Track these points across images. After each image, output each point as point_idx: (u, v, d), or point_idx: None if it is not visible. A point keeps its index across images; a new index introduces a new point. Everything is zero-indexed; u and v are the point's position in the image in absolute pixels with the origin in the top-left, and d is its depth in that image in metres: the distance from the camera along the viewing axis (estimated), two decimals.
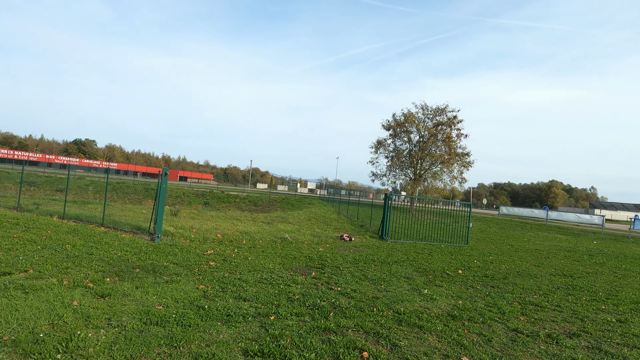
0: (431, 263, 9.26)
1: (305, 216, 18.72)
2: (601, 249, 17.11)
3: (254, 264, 7.26)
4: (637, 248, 19.70)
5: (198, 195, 30.34)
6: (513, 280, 8.04)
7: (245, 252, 8.35)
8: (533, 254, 13.29)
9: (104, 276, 5.42)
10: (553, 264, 11.22)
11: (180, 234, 9.65)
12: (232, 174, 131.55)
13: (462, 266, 9.23)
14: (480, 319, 4.99)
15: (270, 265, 7.28)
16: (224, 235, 10.38)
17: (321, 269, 7.39)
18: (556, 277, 8.92)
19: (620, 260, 13.55)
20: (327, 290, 5.77)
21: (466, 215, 15.89)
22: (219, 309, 4.46)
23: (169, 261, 6.75)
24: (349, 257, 9.07)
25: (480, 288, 6.98)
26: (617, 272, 10.62)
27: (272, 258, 8.01)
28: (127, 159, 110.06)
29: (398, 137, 30.19)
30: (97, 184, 30.67)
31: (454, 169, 28.37)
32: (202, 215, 16.15)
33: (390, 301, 5.46)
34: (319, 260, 8.18)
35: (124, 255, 6.86)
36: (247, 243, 9.69)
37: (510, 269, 9.41)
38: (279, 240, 10.72)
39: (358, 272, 7.38)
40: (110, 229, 9.56)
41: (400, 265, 8.53)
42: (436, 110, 28.80)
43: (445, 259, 10.11)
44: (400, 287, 6.48)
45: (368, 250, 10.58)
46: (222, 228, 11.90)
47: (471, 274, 8.34)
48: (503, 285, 7.36)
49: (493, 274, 8.56)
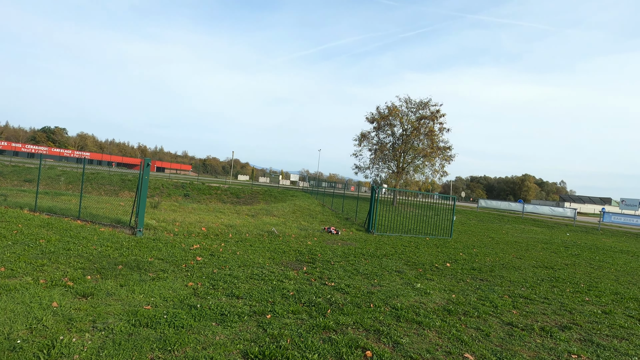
0: (419, 256, 9.31)
1: (289, 209, 18.52)
2: (575, 241, 17.84)
3: (243, 258, 7.03)
4: (606, 240, 20.68)
5: (177, 187, 29.49)
6: (499, 272, 8.18)
7: (233, 247, 8.11)
8: (513, 246, 13.67)
9: (85, 274, 5.07)
10: (533, 255, 11.56)
11: (163, 227, 9.27)
12: (211, 165, 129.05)
13: (449, 259, 9.33)
14: (476, 313, 5.00)
15: (260, 260, 7.08)
16: (208, 229, 10.06)
17: (312, 263, 7.26)
18: (539, 269, 9.16)
19: (594, 252, 14.15)
20: (321, 286, 5.65)
21: (448, 208, 16.14)
22: (212, 307, 4.25)
23: (154, 257, 6.43)
24: (338, 250, 8.98)
25: (470, 281, 7.04)
26: (593, 264, 11.05)
27: (261, 252, 7.81)
28: (101, 149, 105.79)
29: (382, 130, 30.32)
30: (70, 174, 29.25)
31: (436, 162, 28.84)
32: (183, 208, 15.66)
33: (386, 296, 5.40)
34: (309, 255, 8.05)
35: (105, 250, 6.48)
36: (233, 237, 9.43)
37: (495, 262, 9.60)
38: (266, 233, 10.50)
39: (349, 266, 7.29)
40: (88, 222, 9.06)
41: (389, 259, 8.52)
42: (419, 104, 29.07)
43: (432, 252, 10.20)
44: (393, 281, 6.44)
45: (356, 243, 10.53)
46: (206, 221, 11.55)
47: (459, 267, 8.43)
48: (491, 278, 7.47)
49: (480, 266, 8.69)
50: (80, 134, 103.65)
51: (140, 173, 8.23)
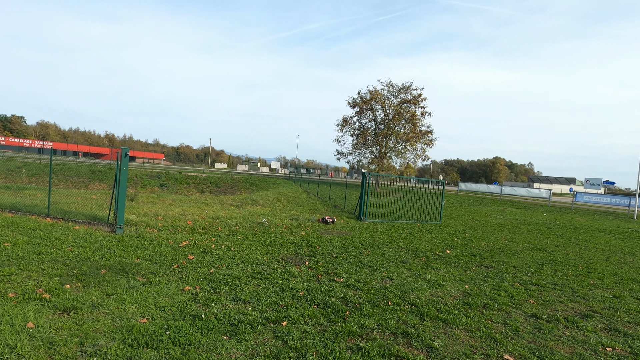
0: (417, 244, 9.10)
1: (274, 197, 17.94)
2: (554, 221, 18.39)
3: (239, 254, 6.50)
4: (580, 219, 21.53)
5: (153, 177, 28.09)
6: (500, 258, 8.09)
7: (225, 241, 7.53)
8: (500, 228, 13.82)
9: (63, 282, 4.40)
10: (522, 238, 11.67)
11: (145, 222, 8.52)
12: (185, 154, 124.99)
13: (447, 246, 9.17)
14: (496, 306, 4.77)
15: (258, 255, 6.58)
16: (194, 222, 9.39)
17: (313, 257, 6.83)
18: (534, 252, 9.19)
19: (574, 232, 14.56)
20: (330, 283, 5.24)
21: (432, 193, 16.09)
22: (219, 317, 3.74)
23: (141, 257, 5.78)
24: (335, 241, 8.60)
25: (477, 269, 6.87)
26: (579, 244, 11.29)
27: (257, 247, 7.29)
28: (65, 138, 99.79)
29: (364, 114, 29.96)
30: (32, 166, 27.13)
31: (417, 146, 28.94)
32: (162, 200, 14.75)
33: (400, 291, 5.07)
34: (307, 247, 7.61)
35: (83, 252, 5.76)
36: (223, 230, 8.83)
37: (491, 246, 9.55)
38: (257, 225, 9.96)
39: (352, 258, 6.93)
40: (59, 219, 8.17)
41: (389, 248, 8.24)
42: (401, 88, 28.84)
43: (427, 239, 10.03)
44: (402, 273, 6.13)
45: (350, 232, 10.20)
46: (190, 214, 10.83)
47: (459, 253, 8.28)
48: (495, 265, 7.34)
49: (478, 252, 8.58)
50: (41, 123, 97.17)
51: (118, 164, 7.42)
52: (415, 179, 16.55)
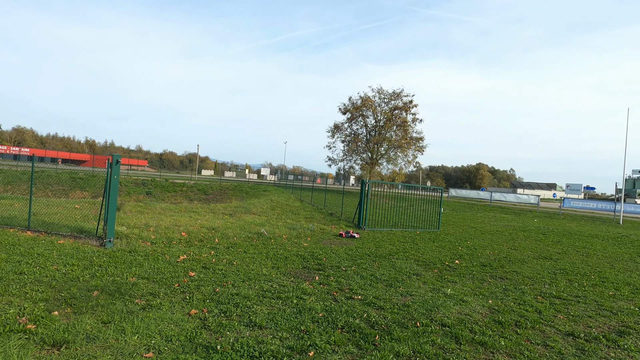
0: (424, 254, 8.79)
1: (267, 205, 17.42)
2: (546, 227, 18.51)
3: (244, 270, 6.01)
4: (570, 224, 21.80)
5: (138, 185, 27.08)
6: (510, 268, 7.85)
7: (226, 255, 7.02)
8: (498, 235, 13.70)
9: (49, 308, 3.85)
10: (523, 245, 11.55)
11: (136, 235, 7.92)
12: (169, 160, 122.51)
13: (454, 255, 8.90)
14: (528, 324, 4.45)
15: (264, 270, 6.10)
16: (189, 234, 8.82)
17: (322, 270, 6.40)
18: (540, 261, 9.01)
19: (570, 238, 14.60)
20: (348, 301, 4.83)
21: (425, 200, 15.88)
22: (236, 347, 3.28)
23: (136, 275, 5.23)
24: (340, 252, 8.20)
25: (492, 281, 6.58)
26: (580, 251, 11.24)
27: (260, 260, 6.81)
28: (42, 144, 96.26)
29: (355, 121, 29.81)
30: (7, 173, 25.73)
31: (409, 153, 28.92)
32: (151, 209, 14.03)
33: (425, 309, 4.70)
34: (313, 260, 7.17)
35: (71, 271, 5.17)
36: (221, 242, 8.30)
37: (497, 255, 9.33)
38: (255, 236, 9.45)
39: (363, 271, 6.54)
40: (41, 233, 7.48)
41: (398, 259, 7.89)
42: (392, 94, 28.87)
43: (432, 248, 9.74)
44: (419, 287, 5.78)
45: (353, 242, 9.82)
46: (183, 224, 10.23)
47: (469, 263, 8.00)
48: (508, 276, 7.08)
49: (488, 262, 8.33)
50: (17, 128, 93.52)
51: (108, 172, 6.84)
52: (414, 186, 16.19)
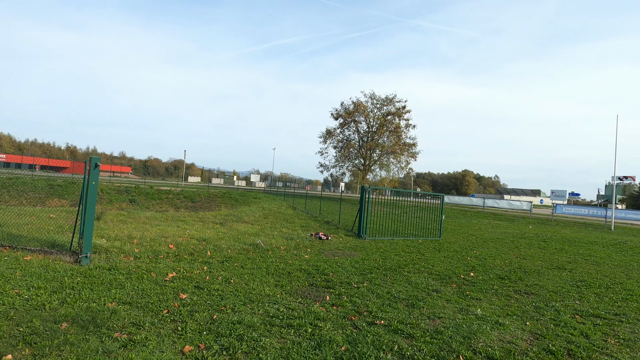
0: (434, 265, 8.15)
1: (260, 213, 16.58)
2: (544, 234, 18.23)
3: (244, 289, 5.23)
4: (565, 231, 21.66)
5: (121, 192, 25.78)
6: (529, 280, 7.29)
7: (220, 271, 6.21)
8: (501, 243, 13.24)
9: (1, 351, 3.00)
10: (529, 254, 11.08)
11: (117, 248, 7.02)
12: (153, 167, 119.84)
13: (466, 267, 8.30)
14: (583, 352, 3.83)
15: (266, 289, 5.33)
16: (178, 246, 7.96)
17: (331, 288, 5.67)
18: (555, 271, 8.51)
19: (571, 245, 14.27)
20: (370, 328, 4.11)
21: (421, 207, 15.31)
22: None
23: (116, 300, 4.39)
24: (346, 265, 7.48)
25: (518, 297, 5.98)
26: (588, 260, 10.83)
27: (260, 276, 6.03)
28: (20, 150, 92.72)
29: (347, 126, 29.30)
30: None
31: (402, 159, 28.55)
32: (135, 218, 13.03)
33: (461, 336, 4.02)
34: (319, 275, 6.43)
35: (36, 296, 4.29)
36: (214, 255, 7.47)
37: (509, 266, 8.79)
38: (251, 247, 8.65)
39: (376, 288, 5.83)
40: (5, 248, 6.49)
41: (409, 272, 7.22)
42: (385, 100, 28.52)
43: (440, 259, 9.13)
44: (444, 307, 5.10)
45: (357, 253, 9.12)
46: (170, 235, 9.35)
47: (485, 276, 7.40)
48: (532, 290, 6.50)
49: (503, 274, 7.75)
50: None
51: (85, 177, 5.98)
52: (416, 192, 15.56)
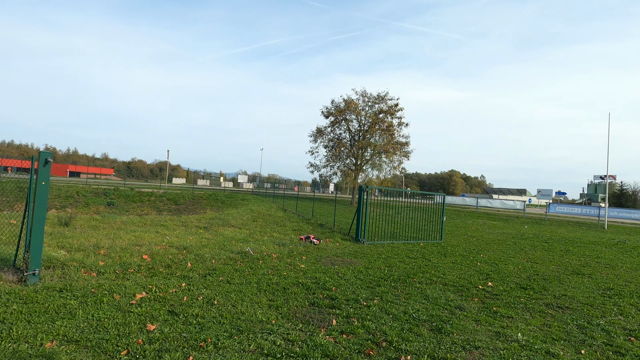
0: (445, 273, 7.29)
1: (248, 216, 15.48)
2: (541, 234, 17.71)
3: (229, 313, 4.21)
4: (560, 230, 21.29)
5: (98, 194, 24.22)
6: (553, 289, 6.50)
7: (202, 288, 5.16)
8: (504, 246, 12.54)
9: None
10: (538, 257, 10.38)
11: (78, 261, 5.88)
12: (137, 169, 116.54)
13: (479, 274, 7.47)
14: None
15: (258, 312, 4.32)
16: (153, 256, 6.86)
17: (337, 308, 4.70)
18: (574, 277, 7.78)
19: (574, 246, 13.72)
20: None
21: (416, 207, 14.43)
22: None
23: (59, 336, 3.33)
24: (348, 275, 6.53)
25: (552, 313, 5.14)
26: (599, 262, 10.22)
27: (251, 295, 5.01)
28: None
29: (338, 125, 28.37)
30: None
31: (394, 158, 27.79)
32: (109, 222, 11.79)
33: None
34: (319, 290, 5.46)
35: None
36: (195, 267, 6.40)
37: (524, 272, 8.01)
38: (239, 256, 7.60)
39: (390, 306, 4.90)
40: None
41: (422, 284, 6.32)
42: (377, 97, 27.73)
43: (449, 265, 8.29)
44: (476, 331, 4.20)
45: (357, 260, 8.18)
46: (146, 242, 8.22)
47: (504, 285, 6.57)
48: (563, 302, 5.69)
49: (523, 282, 6.95)
50: None
51: (31, 178, 4.86)
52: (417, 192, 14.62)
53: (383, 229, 12.80)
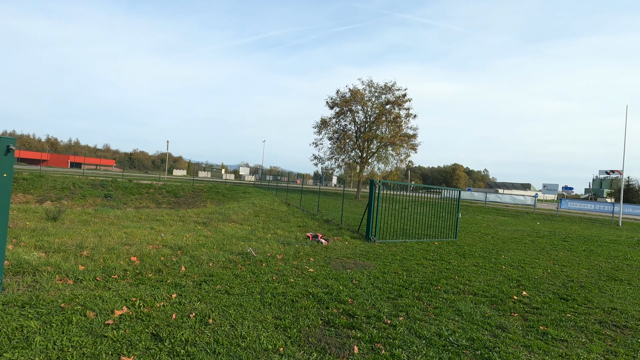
0: (470, 279, 6.49)
1: (250, 210, 14.70)
2: (556, 231, 16.90)
3: (228, 338, 3.43)
4: (575, 227, 20.45)
5: (95, 186, 23.47)
6: (598, 301, 5.69)
7: (195, 301, 4.37)
8: (521, 245, 11.75)
9: None
10: (563, 258, 9.59)
11: (54, 265, 5.11)
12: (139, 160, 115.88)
13: (508, 280, 6.67)
14: None
15: (263, 337, 3.53)
16: (142, 258, 6.08)
17: (357, 328, 3.91)
18: (612, 284, 6.98)
19: (595, 245, 12.94)
20: None
21: (423, 203, 13.55)
22: None
23: None
24: (363, 282, 5.74)
25: (611, 333, 4.34)
26: (631, 264, 9.45)
27: (253, 309, 4.23)
28: None
29: (344, 116, 27.38)
30: None
31: (401, 151, 26.86)
32: (101, 217, 11.03)
33: None
34: (333, 303, 4.67)
35: None
36: (189, 272, 5.62)
37: (556, 278, 7.22)
38: (239, 258, 6.82)
39: (419, 325, 4.11)
40: None
41: (447, 292, 5.52)
42: (384, 87, 26.69)
43: (471, 268, 7.49)
44: None
45: (370, 262, 7.39)
46: (137, 240, 7.44)
47: (542, 296, 5.78)
48: (618, 319, 4.88)
49: (561, 291, 6.15)
50: None
51: None
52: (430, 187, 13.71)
53: (393, 226, 12.01)
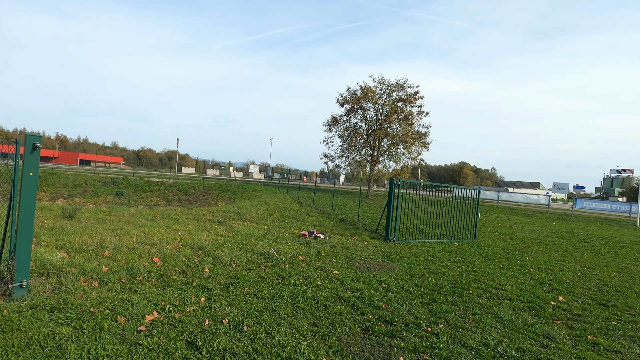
0: (502, 283, 6.25)
1: (263, 209, 14.55)
2: (573, 231, 16.52)
3: (266, 346, 3.25)
4: (592, 227, 19.99)
5: (107, 184, 23.54)
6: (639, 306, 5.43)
7: (225, 305, 4.21)
8: (542, 245, 11.45)
9: None
10: (588, 261, 9.29)
11: (78, 266, 4.98)
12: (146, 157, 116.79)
13: (541, 284, 6.42)
14: None
15: (303, 345, 3.35)
16: (164, 259, 5.94)
17: (397, 336, 3.72)
18: None
19: (616, 246, 12.56)
20: None
21: (441, 202, 13.31)
22: None
23: None
24: (393, 286, 5.54)
25: None
26: None
27: (287, 316, 4.05)
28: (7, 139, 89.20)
29: (354, 114, 27.09)
30: None
31: (413, 150, 26.52)
32: (116, 215, 10.96)
33: None
34: (366, 307, 4.47)
35: None
36: (213, 273, 5.46)
37: (589, 281, 6.94)
38: (261, 258, 6.66)
39: (461, 333, 3.90)
40: None
41: (481, 297, 5.30)
42: (395, 84, 26.35)
43: (498, 270, 7.25)
44: None
45: (393, 263, 7.18)
46: (156, 240, 7.32)
47: (580, 302, 5.52)
48: None
49: (598, 296, 5.88)
50: None
51: (15, 167, 3.93)
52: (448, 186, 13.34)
53: (411, 225, 11.78)
